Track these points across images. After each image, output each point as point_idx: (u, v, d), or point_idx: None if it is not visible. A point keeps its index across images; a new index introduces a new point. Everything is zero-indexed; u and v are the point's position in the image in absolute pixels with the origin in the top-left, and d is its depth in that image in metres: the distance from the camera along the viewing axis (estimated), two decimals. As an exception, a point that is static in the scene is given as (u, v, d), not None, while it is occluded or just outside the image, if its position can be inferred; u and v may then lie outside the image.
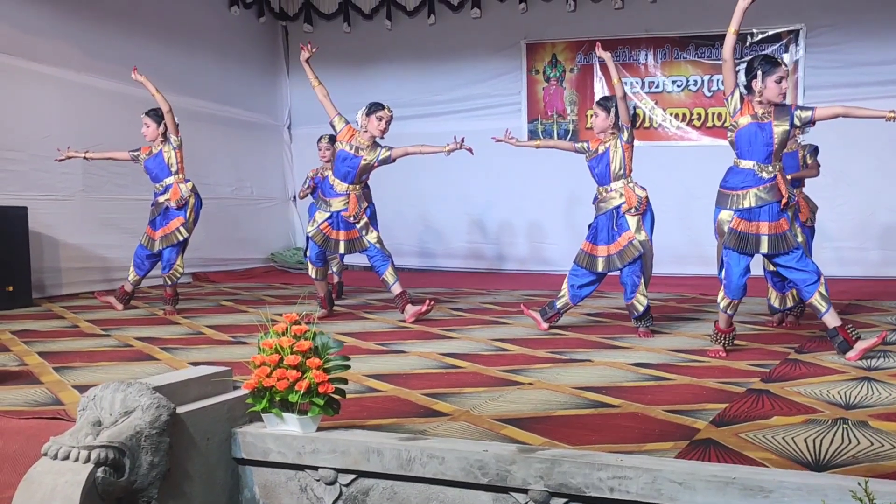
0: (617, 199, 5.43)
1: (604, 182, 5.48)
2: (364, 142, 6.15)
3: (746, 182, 4.52)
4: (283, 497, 2.92)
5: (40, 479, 2.43)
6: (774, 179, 4.50)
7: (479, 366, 4.37)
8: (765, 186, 4.49)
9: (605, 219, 5.46)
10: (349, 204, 6.11)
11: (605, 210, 5.46)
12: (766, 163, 4.50)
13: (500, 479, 2.58)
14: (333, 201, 6.15)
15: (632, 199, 5.37)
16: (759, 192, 4.50)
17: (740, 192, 4.54)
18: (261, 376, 2.80)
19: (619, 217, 5.40)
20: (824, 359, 4.45)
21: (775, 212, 4.50)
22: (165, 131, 6.47)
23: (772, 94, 4.47)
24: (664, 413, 3.33)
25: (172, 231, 6.42)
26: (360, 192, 6.19)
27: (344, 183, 6.14)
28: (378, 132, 6.14)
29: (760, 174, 4.50)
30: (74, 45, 8.00)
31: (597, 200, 5.56)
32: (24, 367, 4.32)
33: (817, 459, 2.68)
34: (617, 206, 5.42)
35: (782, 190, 4.48)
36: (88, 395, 2.66)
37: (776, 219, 4.50)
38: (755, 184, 4.50)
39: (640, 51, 9.50)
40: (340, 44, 10.66)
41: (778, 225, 4.50)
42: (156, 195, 6.53)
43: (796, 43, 8.92)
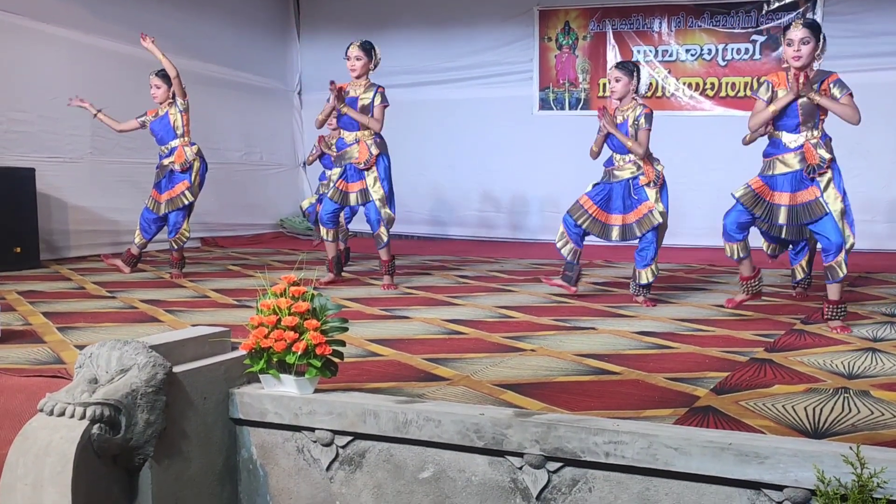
0: (632, 170, 5.34)
1: (622, 151, 5.36)
2: (358, 85, 5.96)
3: (776, 149, 4.48)
4: (279, 458, 2.92)
5: (35, 435, 2.44)
6: (801, 148, 4.40)
7: (482, 332, 4.36)
8: (790, 154, 4.42)
9: (620, 188, 5.38)
10: (360, 151, 5.94)
11: (619, 179, 5.38)
12: (794, 132, 4.42)
13: (495, 443, 2.57)
14: (346, 152, 6.02)
15: (650, 172, 5.30)
16: (783, 159, 4.44)
17: (770, 159, 4.51)
18: (258, 337, 2.80)
19: (637, 187, 5.33)
20: (830, 330, 4.41)
21: (798, 179, 4.41)
22: (174, 94, 6.43)
23: (787, 57, 4.40)
24: (665, 380, 3.31)
25: (178, 195, 6.40)
26: (372, 140, 5.96)
27: (351, 132, 6.01)
28: (350, 71, 5.94)
29: (788, 143, 4.44)
30: (83, 6, 7.96)
31: (612, 166, 5.44)
32: (28, 326, 4.34)
33: (816, 427, 2.66)
34: (633, 177, 5.34)
35: (808, 157, 4.37)
36: (85, 353, 2.66)
37: (800, 188, 4.41)
38: (782, 151, 4.45)
39: (654, 19, 9.36)
40: (352, 9, 10.57)
41: (803, 194, 4.40)
42: (161, 157, 6.51)
43: (813, 11, 8.76)
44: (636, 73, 5.35)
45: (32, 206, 6.94)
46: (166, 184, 6.45)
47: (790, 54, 4.37)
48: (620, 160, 5.39)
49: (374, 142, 5.98)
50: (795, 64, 4.35)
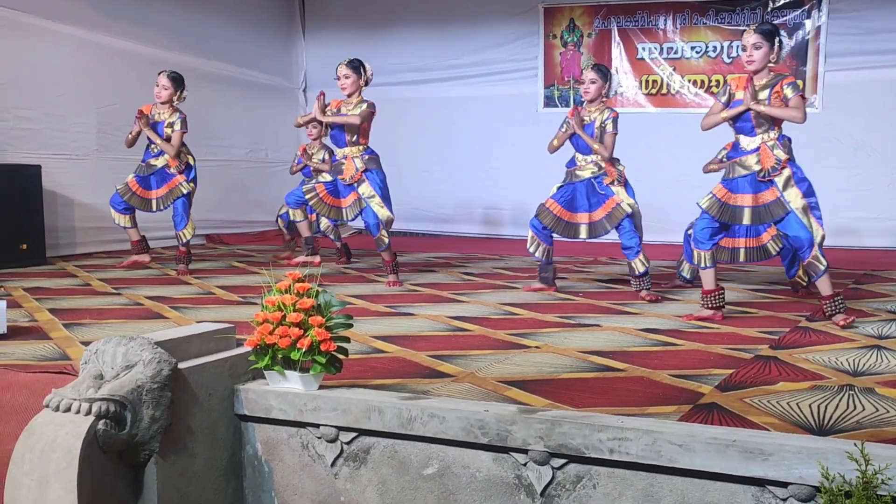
0: (594, 170, 5.51)
1: (585, 151, 5.53)
2: (350, 102, 6.02)
3: (736, 153, 4.62)
4: (284, 454, 2.93)
5: (41, 431, 2.45)
6: (757, 150, 4.52)
7: (486, 329, 4.36)
8: (746, 157, 4.55)
9: (583, 187, 5.53)
10: (346, 167, 6.00)
11: (581, 178, 5.53)
12: (749, 135, 4.54)
13: (500, 439, 2.57)
14: (335, 166, 6.12)
15: (613, 172, 5.48)
16: (740, 162, 4.57)
17: (730, 162, 4.66)
18: (263, 333, 2.80)
19: (601, 186, 5.50)
20: (835, 327, 4.40)
21: (755, 182, 4.52)
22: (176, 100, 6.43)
23: (742, 61, 4.59)
24: (670, 378, 3.31)
25: (176, 186, 6.46)
26: (360, 156, 6.00)
27: (340, 148, 6.08)
28: (342, 89, 6.02)
29: (746, 146, 4.57)
30: (90, 3, 7.97)
31: (573, 166, 5.61)
32: (34, 323, 4.35)
33: (821, 425, 2.66)
34: (595, 177, 5.51)
35: (762, 161, 4.48)
36: (91, 349, 2.67)
37: (759, 190, 4.52)
38: (740, 154, 4.59)
39: (660, 16, 9.35)
40: (357, 6, 10.57)
41: (762, 196, 4.51)
42: (148, 155, 6.54)
43: (819, 8, 8.74)
44: (609, 77, 5.57)
45: (38, 203, 6.95)
46: (158, 181, 6.50)
47: (744, 59, 4.54)
48: (582, 160, 5.55)
49: (362, 158, 6.01)
50: (749, 68, 4.51)
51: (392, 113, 10.43)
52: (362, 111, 5.95)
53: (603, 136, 5.45)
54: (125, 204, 6.59)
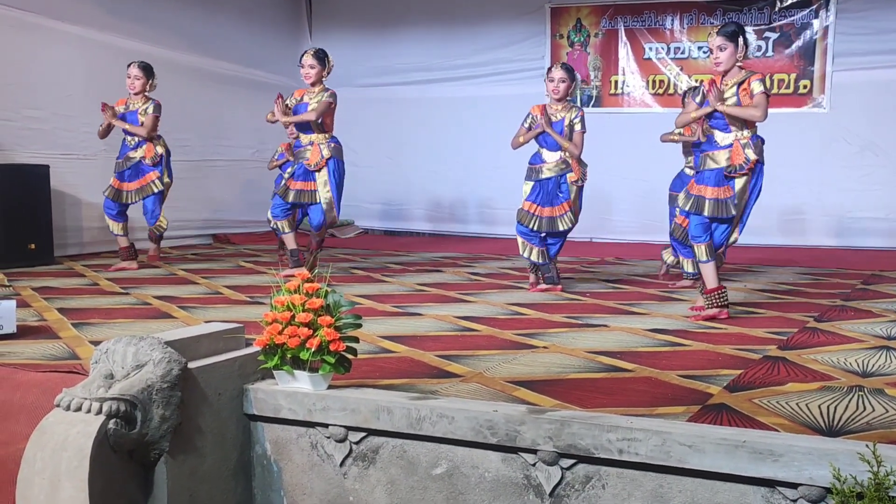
0: (561, 167, 5.60)
1: (553, 149, 5.62)
2: (312, 91, 6.27)
3: (709, 146, 4.73)
4: (293, 453, 2.94)
5: (52, 430, 2.46)
6: (730, 147, 4.63)
7: (494, 329, 4.36)
8: (718, 152, 4.67)
9: (550, 184, 5.64)
10: (311, 153, 6.20)
11: (549, 176, 5.63)
12: (724, 131, 4.65)
13: (509, 440, 2.57)
14: (300, 152, 6.30)
15: (578, 171, 5.60)
16: (711, 155, 4.70)
17: (702, 155, 4.78)
18: (272, 333, 2.81)
19: (563, 183, 5.61)
20: (843, 328, 4.40)
21: (720, 177, 4.64)
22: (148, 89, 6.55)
23: (711, 64, 4.76)
24: (678, 378, 3.31)
25: (148, 183, 6.58)
26: (326, 144, 6.22)
27: (306, 135, 6.26)
28: (305, 78, 6.25)
29: (720, 141, 4.68)
30: (98, 4, 7.99)
31: (540, 163, 5.68)
32: (44, 322, 4.37)
33: (830, 425, 2.65)
34: (561, 174, 5.60)
35: (733, 157, 4.60)
36: (101, 349, 2.68)
37: (719, 185, 4.64)
38: (713, 148, 4.71)
39: (667, 16, 9.34)
40: (363, 7, 10.59)
41: (722, 190, 4.63)
42: (126, 148, 6.63)
43: (826, 8, 8.72)
44: (575, 76, 5.75)
45: (47, 203, 6.98)
46: (131, 175, 6.60)
47: (712, 61, 4.71)
48: (550, 157, 5.64)
49: (328, 146, 6.24)
50: (717, 69, 4.69)
51: (399, 112, 10.48)
52: (320, 104, 6.16)
53: (572, 134, 5.56)
54: (117, 207, 6.65)
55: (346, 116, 7.26)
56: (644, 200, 8.78)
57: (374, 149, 10.31)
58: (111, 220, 6.69)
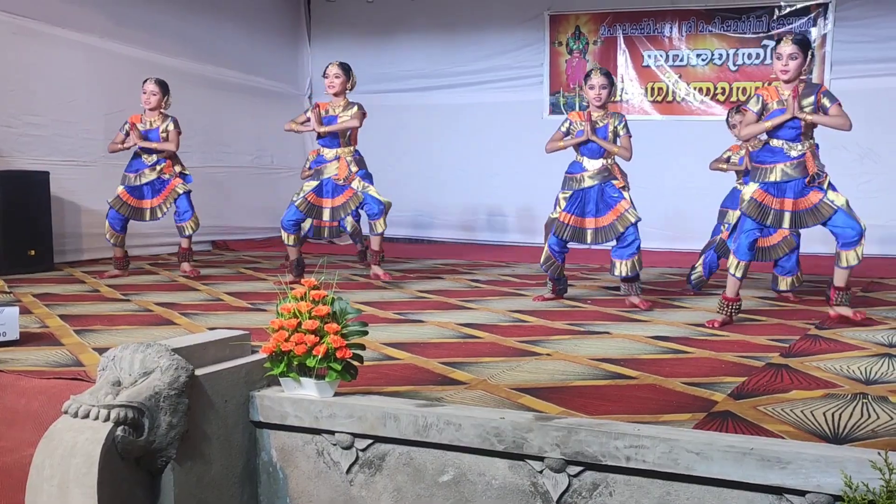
0: (604, 175, 5.43)
1: (595, 156, 5.46)
2: (337, 104, 6.24)
3: (776, 158, 4.65)
4: (299, 461, 2.94)
5: (60, 437, 2.46)
6: (803, 157, 4.60)
7: (496, 336, 4.37)
8: (791, 163, 4.62)
9: (594, 192, 5.44)
10: (339, 168, 6.18)
11: (591, 185, 5.44)
12: (795, 142, 4.61)
13: (516, 447, 2.58)
14: (324, 168, 6.26)
15: (622, 177, 5.47)
16: (785, 167, 4.63)
17: (768, 166, 4.67)
18: (279, 340, 2.81)
19: (611, 191, 5.42)
20: (845, 335, 4.41)
21: (800, 188, 4.62)
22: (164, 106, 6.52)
23: (776, 71, 4.64)
24: (682, 385, 3.32)
25: (173, 189, 6.53)
26: (352, 157, 6.25)
27: (332, 149, 6.24)
28: (328, 88, 6.22)
29: (789, 152, 4.62)
30: (99, 11, 8.00)
31: (580, 171, 5.49)
32: (46, 329, 4.37)
33: (836, 433, 2.66)
34: (605, 182, 5.42)
35: (809, 167, 4.58)
36: (108, 356, 2.68)
37: (802, 195, 4.62)
38: (783, 160, 4.63)
39: (665, 23, 9.37)
40: (362, 14, 10.60)
41: (805, 200, 4.61)
42: (142, 164, 6.55)
43: (825, 16, 8.76)
44: (615, 82, 5.64)
45: (47, 210, 6.98)
46: (151, 191, 6.55)
47: (779, 68, 4.61)
48: (591, 165, 5.46)
49: (354, 159, 6.27)
50: (783, 77, 4.60)
51: (398, 119, 10.49)
52: (355, 113, 6.15)
53: (617, 140, 5.40)
54: (122, 220, 6.58)
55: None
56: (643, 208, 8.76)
57: (373, 155, 10.20)
58: (111, 229, 6.61)
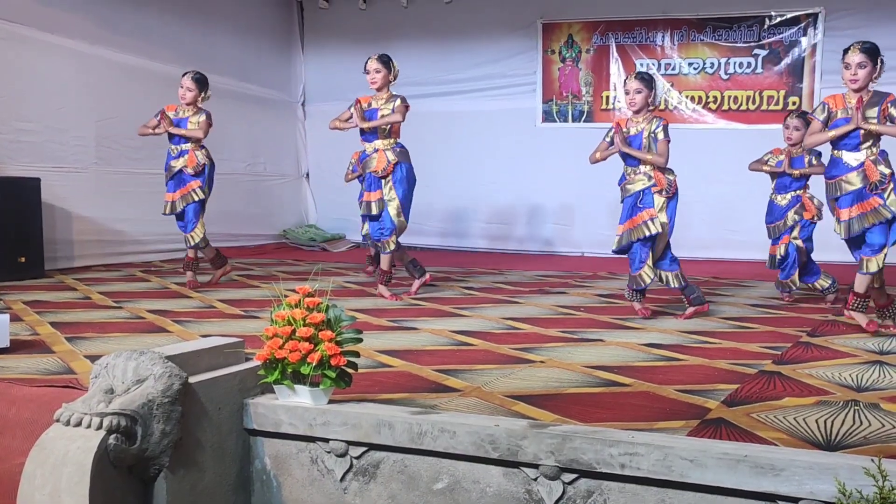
0: (644, 181, 5.24)
1: (634, 164, 5.28)
2: (380, 97, 6.09)
3: (839, 171, 4.66)
4: (293, 468, 2.93)
5: (52, 445, 2.45)
6: (863, 166, 4.60)
7: (490, 343, 4.37)
8: (853, 173, 4.62)
9: (633, 199, 5.29)
10: (377, 160, 6.05)
11: (632, 192, 5.29)
12: (855, 151, 4.61)
13: (510, 454, 2.58)
14: (367, 162, 6.14)
15: (662, 180, 5.21)
16: (848, 178, 4.63)
17: (834, 180, 4.69)
18: (273, 348, 2.81)
19: (646, 195, 5.24)
20: (836, 342, 4.43)
21: (860, 196, 4.61)
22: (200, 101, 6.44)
23: (845, 80, 4.63)
24: (675, 392, 3.32)
25: (189, 192, 6.46)
26: (391, 149, 6.07)
27: (371, 142, 6.11)
28: (371, 84, 6.06)
29: (849, 162, 4.63)
30: (89, 17, 7.99)
31: (623, 182, 5.37)
32: (37, 336, 4.35)
33: (828, 440, 2.67)
34: (645, 188, 5.24)
35: (870, 175, 4.57)
36: (101, 363, 2.67)
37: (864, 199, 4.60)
38: (845, 171, 4.64)
39: (657, 32, 9.42)
40: (356, 21, 10.63)
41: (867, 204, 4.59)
42: (170, 157, 6.50)
43: (815, 26, 8.82)
44: (654, 84, 5.33)
45: (37, 216, 6.95)
46: (175, 185, 6.48)
47: (847, 77, 4.58)
48: (632, 172, 5.31)
49: (394, 150, 6.09)
50: (853, 86, 4.57)
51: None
52: (398, 107, 6.00)
53: (654, 145, 5.21)
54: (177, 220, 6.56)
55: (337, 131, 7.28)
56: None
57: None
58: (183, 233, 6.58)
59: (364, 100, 6.12)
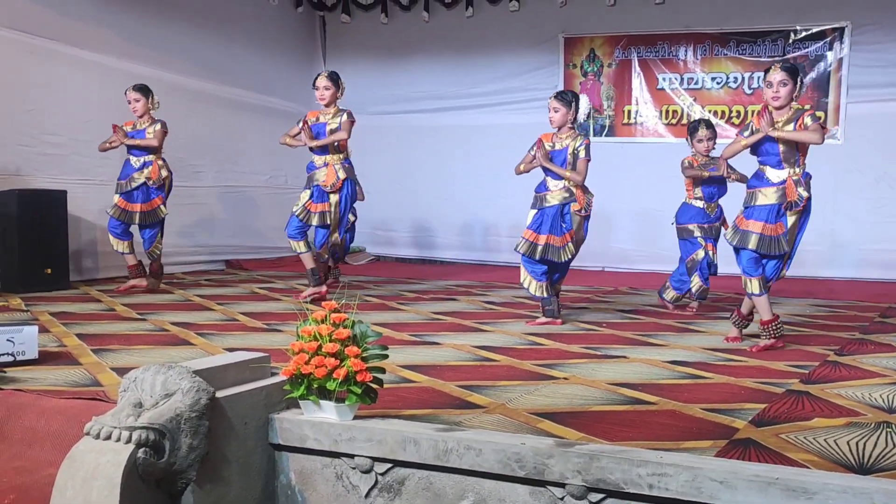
0: (564, 196, 5.50)
1: (556, 177, 5.53)
2: (327, 112, 6.38)
3: (759, 183, 4.73)
4: (318, 484, 2.93)
5: (83, 458, 2.46)
6: (783, 184, 4.64)
7: (513, 359, 4.36)
8: (770, 188, 4.67)
9: (553, 211, 5.50)
10: (327, 174, 6.30)
11: (552, 204, 5.51)
12: (778, 168, 4.66)
13: (537, 473, 2.56)
14: (314, 174, 6.40)
15: (581, 200, 5.50)
16: (763, 192, 4.69)
17: (752, 191, 4.76)
18: (299, 363, 2.81)
19: (567, 213, 5.51)
20: (864, 361, 4.38)
21: (774, 213, 4.65)
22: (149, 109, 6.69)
23: (766, 98, 4.71)
24: (702, 411, 3.30)
25: (154, 209, 6.68)
26: (340, 165, 6.34)
27: (321, 156, 6.36)
28: (320, 100, 6.37)
29: (772, 178, 4.69)
30: (115, 31, 8.08)
31: (544, 191, 5.57)
32: (64, 348, 4.38)
33: (861, 462, 2.63)
34: (565, 203, 5.50)
35: (789, 194, 4.61)
36: (130, 377, 2.68)
37: (773, 221, 4.65)
38: (765, 185, 4.69)
39: (680, 46, 9.40)
40: (377, 35, 10.68)
41: (774, 227, 4.65)
42: (130, 169, 6.71)
43: (841, 41, 8.77)
44: (574, 103, 5.57)
45: (63, 228, 7.02)
46: (140, 196, 6.69)
47: (769, 95, 4.68)
48: (553, 185, 5.54)
49: (343, 166, 6.36)
50: (774, 104, 4.66)
51: (412, 140, 10.53)
52: (344, 123, 6.28)
53: (576, 162, 5.47)
54: (121, 225, 6.77)
55: (358, 143, 7.31)
56: (656, 231, 8.78)
57: (387, 176, 10.35)
58: (116, 239, 6.83)
59: (312, 114, 6.43)
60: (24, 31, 7.25)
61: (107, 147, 6.80)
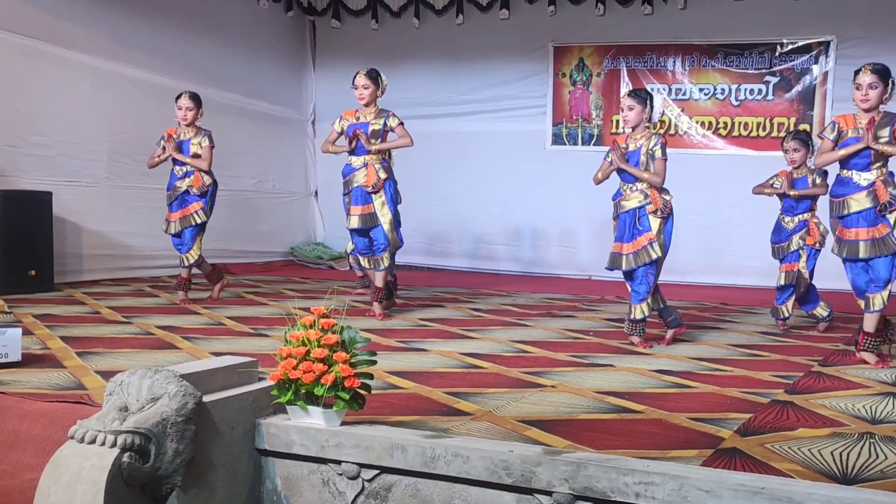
0: (640, 199, 5.14)
1: (630, 181, 5.19)
2: (368, 112, 6.09)
3: (847, 189, 4.65)
4: (304, 490, 2.91)
5: (67, 462, 2.44)
6: (872, 186, 4.59)
7: (500, 366, 4.36)
8: (862, 193, 4.61)
9: (628, 217, 5.18)
10: (367, 175, 6.01)
11: (627, 209, 5.17)
12: (865, 171, 4.61)
13: (524, 480, 2.56)
14: (353, 177, 6.08)
15: (657, 200, 5.10)
16: (854, 198, 4.63)
17: (841, 199, 4.68)
18: (287, 368, 2.80)
19: (643, 216, 5.14)
20: (848, 372, 4.41)
21: (872, 217, 4.59)
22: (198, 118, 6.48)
23: (855, 100, 4.62)
24: (688, 420, 3.31)
25: (190, 213, 6.48)
26: (380, 165, 6.05)
27: (359, 156, 6.07)
28: (359, 99, 6.07)
29: (859, 182, 4.63)
30: (105, 33, 8.05)
31: (619, 197, 5.26)
32: (47, 350, 4.35)
33: (845, 473, 2.65)
34: (640, 206, 5.14)
35: (880, 195, 4.55)
36: (115, 381, 2.66)
37: (872, 224, 4.59)
38: (854, 191, 4.63)
39: (668, 57, 9.46)
40: (368, 41, 10.68)
41: (876, 230, 4.58)
42: (174, 178, 6.53)
43: (826, 54, 8.85)
44: (649, 101, 5.20)
45: (48, 230, 6.99)
46: (178, 205, 6.50)
47: (858, 97, 4.57)
48: (627, 189, 5.21)
49: (382, 166, 6.07)
50: (863, 107, 4.56)
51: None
52: (403, 130, 6.05)
53: (651, 162, 5.10)
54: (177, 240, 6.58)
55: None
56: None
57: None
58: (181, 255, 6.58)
59: (351, 113, 6.12)
60: (12, 32, 7.21)
61: (156, 162, 6.52)
